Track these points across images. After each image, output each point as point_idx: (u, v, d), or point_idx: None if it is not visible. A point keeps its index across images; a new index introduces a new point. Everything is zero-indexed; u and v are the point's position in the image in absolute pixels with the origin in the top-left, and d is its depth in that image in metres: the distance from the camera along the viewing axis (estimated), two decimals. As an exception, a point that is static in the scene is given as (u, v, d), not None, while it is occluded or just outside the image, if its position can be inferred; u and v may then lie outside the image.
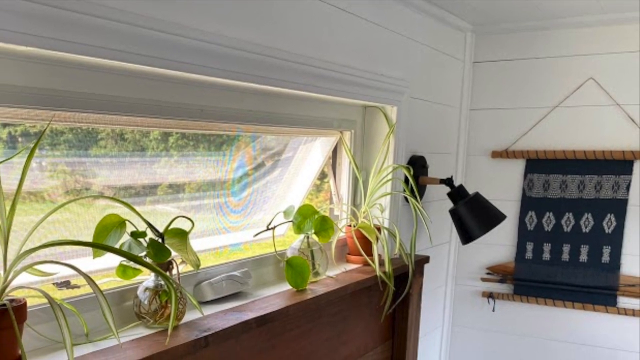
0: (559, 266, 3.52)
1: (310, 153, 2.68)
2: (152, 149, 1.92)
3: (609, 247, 3.40)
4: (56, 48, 1.38)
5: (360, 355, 2.68)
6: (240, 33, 1.91)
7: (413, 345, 2.96)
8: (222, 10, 1.84)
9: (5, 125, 1.50)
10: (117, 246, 1.60)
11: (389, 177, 2.78)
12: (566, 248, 3.50)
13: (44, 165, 1.62)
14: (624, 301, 3.42)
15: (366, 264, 2.65)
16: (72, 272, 1.34)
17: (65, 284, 1.66)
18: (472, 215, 2.84)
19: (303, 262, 2.22)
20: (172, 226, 1.73)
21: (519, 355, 3.75)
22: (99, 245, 1.47)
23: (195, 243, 2.00)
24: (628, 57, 3.32)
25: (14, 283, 1.32)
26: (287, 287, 2.25)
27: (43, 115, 1.52)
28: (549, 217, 3.54)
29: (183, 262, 1.78)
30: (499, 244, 3.71)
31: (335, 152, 2.81)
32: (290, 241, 2.46)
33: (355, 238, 2.65)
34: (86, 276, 1.31)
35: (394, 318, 2.93)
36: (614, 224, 3.38)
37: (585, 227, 3.45)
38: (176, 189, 2.04)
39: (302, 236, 2.37)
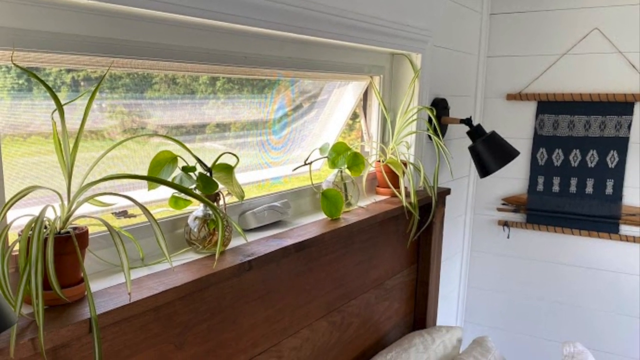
0: (567, 197, 3.46)
1: (343, 96, 2.62)
2: (201, 92, 1.88)
3: (612, 180, 3.34)
4: (115, 1, 1.32)
5: (389, 278, 2.66)
6: (280, -14, 1.85)
7: (436, 268, 2.94)
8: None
9: (69, 70, 1.46)
10: (169, 179, 1.57)
11: (414, 117, 2.71)
12: (573, 181, 3.43)
13: (104, 106, 1.59)
14: (625, 229, 3.37)
15: (394, 195, 2.61)
16: (129, 202, 1.31)
17: (123, 214, 1.64)
18: (489, 152, 2.79)
19: (337, 193, 2.18)
20: (219, 161, 1.69)
21: (530, 278, 3.72)
22: (153, 179, 1.44)
23: (240, 177, 1.97)
24: (629, 9, 3.20)
25: (77, 213, 1.29)
26: (322, 216, 2.22)
27: (103, 62, 1.47)
28: (558, 153, 3.47)
29: (229, 193, 1.75)
30: (513, 178, 3.66)
31: (365, 95, 2.73)
32: (326, 175, 2.42)
33: (383, 172, 2.60)
34: (142, 206, 1.27)
35: (419, 244, 2.90)
36: (617, 159, 3.31)
37: (591, 163, 3.38)
38: (223, 128, 2.00)
39: (336, 170, 2.33)
